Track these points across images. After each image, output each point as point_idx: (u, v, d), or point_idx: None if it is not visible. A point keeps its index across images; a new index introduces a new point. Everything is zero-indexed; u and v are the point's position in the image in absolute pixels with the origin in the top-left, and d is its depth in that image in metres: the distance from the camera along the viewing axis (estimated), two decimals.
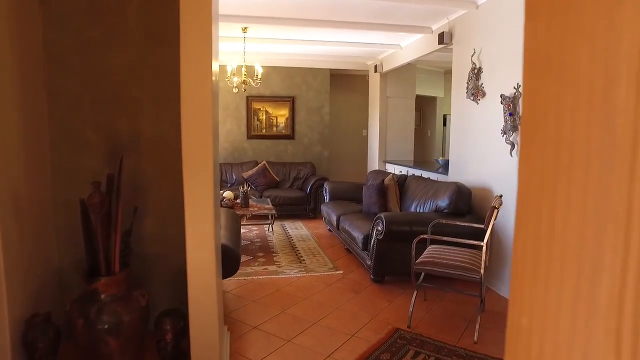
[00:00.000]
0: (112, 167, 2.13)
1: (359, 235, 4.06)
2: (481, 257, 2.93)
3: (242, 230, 5.79)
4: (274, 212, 4.94)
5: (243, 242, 5.18)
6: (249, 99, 7.58)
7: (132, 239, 2.13)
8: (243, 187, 5.13)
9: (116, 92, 2.30)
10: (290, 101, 7.75)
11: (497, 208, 2.68)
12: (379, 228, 3.69)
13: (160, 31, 2.29)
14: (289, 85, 7.71)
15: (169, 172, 2.38)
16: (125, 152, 2.21)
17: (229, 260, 2.80)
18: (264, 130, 7.75)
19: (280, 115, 7.77)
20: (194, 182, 2.02)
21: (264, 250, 4.91)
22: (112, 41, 2.25)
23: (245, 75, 5.24)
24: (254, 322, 3.07)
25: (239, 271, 4.12)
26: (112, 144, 2.34)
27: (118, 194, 1.99)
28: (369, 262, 3.90)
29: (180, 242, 2.01)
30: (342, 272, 4.22)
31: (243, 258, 4.55)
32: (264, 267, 4.32)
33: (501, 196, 3.11)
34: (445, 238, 2.94)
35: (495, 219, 2.71)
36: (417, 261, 2.93)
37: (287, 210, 6.72)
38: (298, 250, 4.93)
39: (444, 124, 8.64)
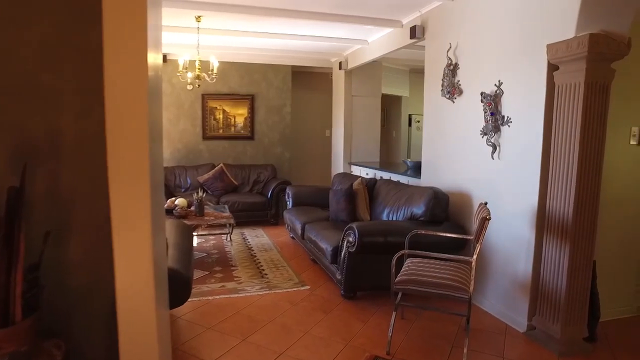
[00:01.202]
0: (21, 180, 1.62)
1: (327, 247, 3.68)
2: (468, 272, 2.63)
3: (198, 241, 5.28)
4: (232, 221, 4.48)
5: (199, 255, 4.68)
6: (205, 97, 7.03)
7: (48, 271, 1.63)
8: (198, 194, 4.63)
9: (25, 80, 1.78)
10: (250, 99, 7.27)
11: (488, 219, 2.38)
12: (351, 239, 3.33)
13: (88, 1, 1.79)
14: (248, 83, 7.23)
15: (100, 183, 1.88)
16: (37, 159, 1.70)
17: (178, 287, 2.34)
18: (221, 131, 7.22)
19: (239, 114, 7.27)
20: (124, 195, 1.57)
21: (222, 264, 4.43)
22: (17, 5, 1.72)
23: (199, 69, 4.73)
24: (209, 356, 2.61)
25: (194, 290, 3.63)
26: (20, 149, 1.82)
27: (19, 215, 1.50)
28: (339, 277, 3.53)
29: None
30: (309, 287, 3.82)
31: (198, 274, 4.07)
32: (221, 284, 3.85)
33: (486, 203, 2.83)
34: (429, 254, 2.61)
35: (485, 231, 2.41)
36: (397, 279, 2.58)
37: (247, 217, 6.24)
38: (260, 263, 4.49)
39: (409, 124, 8.45)
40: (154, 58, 1.71)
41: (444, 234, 3.08)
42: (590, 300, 2.81)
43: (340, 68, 6.65)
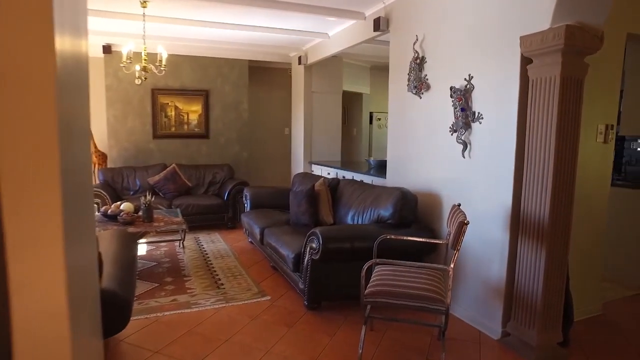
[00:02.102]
0: None
1: (288, 254, 3.40)
2: (443, 280, 2.44)
3: (148, 248, 4.85)
4: (184, 227, 4.09)
5: (148, 264, 4.27)
6: (155, 92, 6.54)
7: None
8: (146, 198, 4.20)
9: None
10: (204, 95, 6.84)
11: (466, 224, 2.19)
12: (314, 246, 3.07)
13: None
14: (201, 78, 6.80)
15: None
16: None
17: (114, 311, 1.98)
18: (173, 129, 6.75)
19: (192, 111, 6.83)
20: (22, 206, 1.22)
21: (174, 274, 4.04)
22: None
23: (145, 60, 4.30)
24: None
25: (141, 306, 3.26)
26: None
27: None
28: (302, 286, 3.26)
29: None
30: (269, 298, 3.53)
31: (146, 286, 3.68)
32: (172, 297, 3.47)
33: (459, 205, 2.65)
34: (401, 262, 2.39)
35: (463, 237, 2.22)
36: (367, 291, 2.35)
37: (202, 221, 5.84)
38: (215, 271, 4.14)
39: (371, 122, 8.31)
40: (71, 44, 1.36)
41: (417, 239, 2.88)
42: (564, 302, 2.71)
43: (299, 63, 6.37)
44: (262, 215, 4.58)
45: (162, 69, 4.41)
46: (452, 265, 2.21)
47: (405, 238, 2.87)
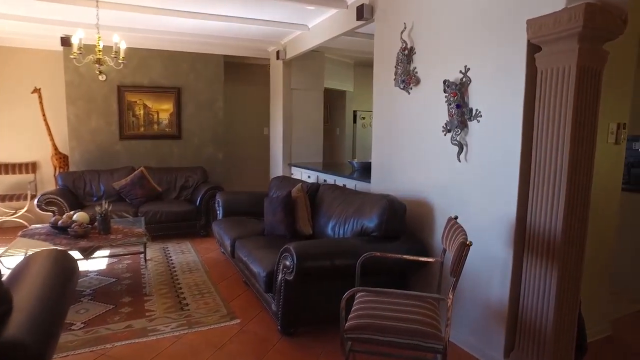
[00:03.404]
0: None
1: (260, 272, 2.97)
2: (437, 308, 2.05)
3: (109, 261, 4.36)
4: (145, 239, 3.61)
5: (105, 282, 3.82)
6: (122, 89, 6.03)
7: None
8: (102, 206, 3.72)
9: None
10: (176, 93, 6.36)
11: (468, 245, 1.79)
12: (288, 264, 2.64)
13: None
14: (173, 74, 6.31)
15: None
16: None
17: None
18: (142, 129, 6.25)
19: (163, 109, 6.34)
20: None
21: (134, 292, 3.57)
22: None
23: (99, 52, 3.80)
24: None
25: (88, 336, 2.81)
26: None
27: None
28: (276, 309, 2.84)
29: None
30: (239, 321, 3.09)
31: (99, 309, 3.24)
32: (127, 323, 3.01)
33: (456, 218, 2.26)
34: (390, 291, 1.99)
35: (465, 260, 1.83)
36: (349, 324, 1.94)
37: (172, 229, 5.37)
38: (181, 289, 3.68)
39: (354, 121, 7.92)
40: None
41: (406, 257, 2.48)
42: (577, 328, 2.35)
43: (278, 58, 5.93)
44: (235, 225, 4.14)
45: (120, 61, 3.92)
46: (451, 296, 1.81)
47: (392, 256, 2.46)
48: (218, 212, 4.77)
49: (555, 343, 2.21)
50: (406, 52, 3.08)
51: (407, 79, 3.06)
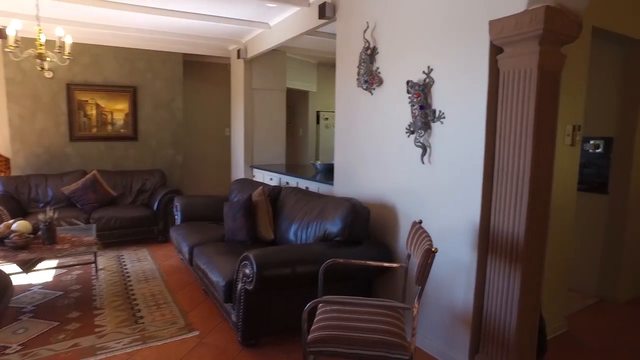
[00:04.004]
0: None
1: (219, 281, 2.83)
2: (402, 317, 1.99)
3: (56, 273, 4.06)
4: (95, 249, 3.37)
5: (51, 295, 3.55)
6: (71, 88, 5.66)
7: None
8: (46, 214, 3.44)
9: None
10: (131, 92, 6.06)
11: (433, 252, 1.74)
12: (248, 272, 2.52)
13: None
14: (128, 72, 6.00)
15: None
16: None
17: None
18: (94, 130, 5.90)
19: (118, 110, 6.02)
20: None
21: (83, 306, 3.33)
22: None
23: (41, 46, 3.52)
24: None
25: (26, 359, 2.56)
26: None
27: None
28: (236, 319, 2.70)
29: None
30: (198, 333, 2.93)
31: (43, 327, 2.99)
32: (73, 341, 2.78)
33: (421, 222, 2.22)
34: (354, 300, 1.91)
35: (430, 268, 1.77)
36: (311, 337, 1.84)
37: (128, 235, 5.11)
38: (135, 300, 3.47)
39: (318, 122, 7.84)
40: None
41: (370, 263, 2.41)
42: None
43: (238, 57, 5.76)
44: (194, 230, 3.95)
45: (65, 57, 3.65)
46: (417, 305, 1.75)
47: (356, 262, 2.39)
48: (176, 217, 4.56)
49: (519, 344, 2.21)
50: (369, 51, 3.02)
51: (370, 79, 3.00)
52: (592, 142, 3.86)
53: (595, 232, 3.75)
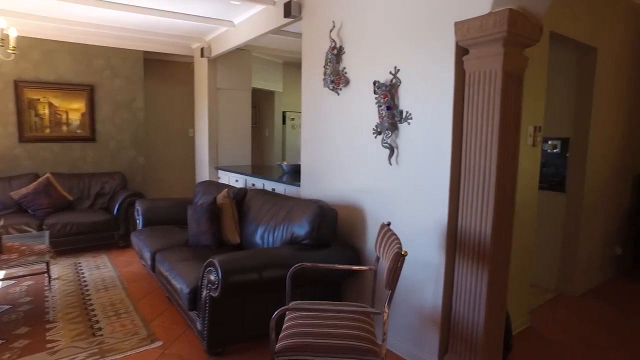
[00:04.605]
0: None
1: (183, 288, 2.72)
2: (371, 321, 1.96)
3: (4, 285, 3.81)
4: (48, 257, 3.17)
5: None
6: (20, 85, 5.32)
7: None
8: None
9: None
10: (88, 91, 5.77)
11: (403, 255, 1.72)
12: (213, 279, 2.43)
13: None
14: (85, 70, 5.72)
15: None
16: None
17: None
18: (47, 130, 5.58)
19: (73, 109, 5.72)
20: None
21: (33, 320, 3.12)
22: None
23: None
24: None
25: None
26: None
27: None
28: (201, 328, 2.60)
29: None
30: (161, 343, 2.80)
31: None
32: None
33: (389, 224, 2.20)
34: (325, 304, 1.86)
35: (400, 272, 1.75)
36: (279, 346, 1.78)
37: (86, 241, 4.86)
38: (94, 311, 3.29)
39: (284, 122, 7.77)
40: None
41: (338, 266, 2.38)
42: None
43: (202, 55, 5.61)
44: (156, 235, 3.80)
45: (10, 51, 3.42)
46: (387, 309, 1.73)
47: (324, 266, 2.35)
48: (138, 221, 4.37)
49: (486, 343, 2.23)
50: (335, 51, 2.99)
51: (337, 79, 2.97)
52: (550, 142, 3.99)
53: (554, 229, 3.88)
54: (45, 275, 3.48)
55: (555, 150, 3.96)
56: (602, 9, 3.55)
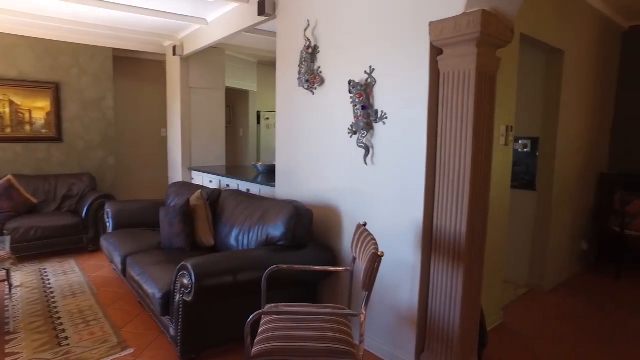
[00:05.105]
0: None
1: (155, 293, 2.63)
2: (349, 323, 1.94)
3: None
4: (8, 264, 3.01)
5: None
6: None
7: None
8: None
9: None
10: (53, 89, 5.54)
11: (379, 256, 1.70)
12: (186, 283, 2.36)
13: None
14: (50, 67, 5.49)
15: None
16: None
17: None
18: (8, 130, 5.32)
19: (37, 108, 5.48)
20: None
21: None
22: None
23: None
24: None
25: None
26: None
27: None
28: (174, 333, 2.53)
29: None
30: (132, 350, 2.71)
31: None
32: None
33: (365, 224, 2.19)
34: (301, 307, 1.83)
35: (377, 273, 1.73)
36: (255, 350, 1.74)
37: (52, 245, 4.66)
38: (59, 319, 3.15)
39: (258, 122, 7.69)
40: None
41: (314, 268, 2.35)
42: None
43: (174, 54, 5.48)
44: (127, 238, 3.68)
45: None
46: (364, 311, 1.71)
47: (300, 268, 2.32)
48: (108, 224, 4.23)
49: (462, 340, 2.25)
50: (310, 50, 2.96)
51: (312, 78, 2.94)
52: (521, 141, 4.08)
53: (525, 226, 3.97)
54: (6, 283, 3.31)
55: (525, 150, 4.06)
56: (567, 14, 3.66)
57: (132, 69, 6.64)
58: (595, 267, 4.72)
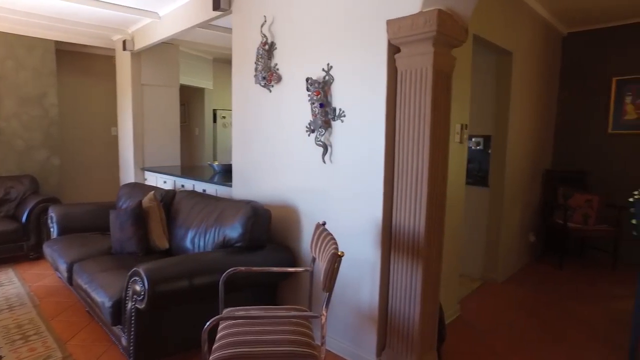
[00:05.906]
0: None
1: (104, 302, 2.48)
2: (309, 324, 1.91)
3: None
4: None
5: None
6: None
7: None
8: None
9: None
10: None
11: (339, 256, 1.67)
12: (138, 289, 2.24)
13: None
14: None
15: None
16: None
17: None
18: None
19: None
20: None
21: None
22: None
23: None
24: None
25: None
26: None
27: None
28: (126, 343, 2.39)
29: None
30: None
31: None
32: None
33: (324, 224, 2.16)
34: (260, 310, 1.77)
35: (337, 273, 1.71)
36: (213, 358, 1.67)
37: None
38: None
39: (215, 121, 7.50)
40: None
41: (273, 269, 2.29)
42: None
43: (124, 48, 5.22)
44: (74, 244, 3.45)
45: None
46: (325, 312, 1.68)
47: (259, 269, 2.26)
48: (52, 229, 3.96)
49: (421, 336, 2.27)
50: (267, 47, 2.90)
51: (268, 75, 2.88)
52: (474, 139, 4.21)
53: (479, 221, 4.10)
54: None
55: (478, 147, 4.19)
56: (514, 17, 3.82)
57: (79, 64, 6.28)
58: (541, 257, 4.97)
